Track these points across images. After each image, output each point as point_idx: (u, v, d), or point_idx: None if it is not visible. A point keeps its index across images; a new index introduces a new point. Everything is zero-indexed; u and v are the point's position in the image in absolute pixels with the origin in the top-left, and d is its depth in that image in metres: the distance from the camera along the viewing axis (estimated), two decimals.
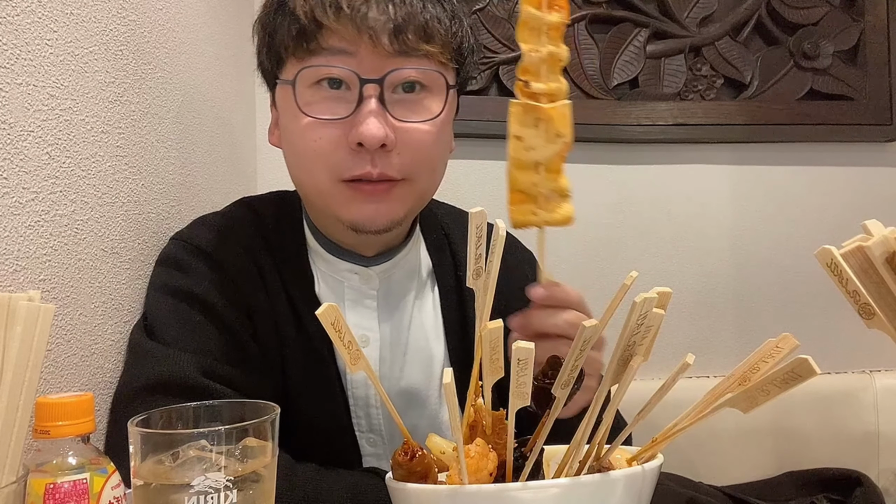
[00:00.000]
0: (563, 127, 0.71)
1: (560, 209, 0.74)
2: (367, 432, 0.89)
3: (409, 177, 0.82)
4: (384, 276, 0.91)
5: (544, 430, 0.58)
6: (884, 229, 0.53)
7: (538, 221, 0.73)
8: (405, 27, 0.78)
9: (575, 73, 1.59)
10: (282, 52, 0.82)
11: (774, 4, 1.65)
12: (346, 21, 0.77)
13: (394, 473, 0.61)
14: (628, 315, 0.55)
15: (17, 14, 0.65)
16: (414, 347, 0.92)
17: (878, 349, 1.52)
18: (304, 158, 0.83)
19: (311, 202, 0.89)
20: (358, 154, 0.79)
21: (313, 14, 0.78)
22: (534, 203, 0.73)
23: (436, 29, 0.80)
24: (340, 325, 0.56)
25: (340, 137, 0.79)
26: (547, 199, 0.73)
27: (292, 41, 0.80)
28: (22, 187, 0.66)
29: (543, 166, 0.72)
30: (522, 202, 0.73)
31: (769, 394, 0.55)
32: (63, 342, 0.72)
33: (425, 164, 0.84)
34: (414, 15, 0.79)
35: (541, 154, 0.72)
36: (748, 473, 1.17)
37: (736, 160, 1.65)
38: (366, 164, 0.79)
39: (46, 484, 0.51)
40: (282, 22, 0.81)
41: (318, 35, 0.79)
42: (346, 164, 0.80)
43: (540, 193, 0.73)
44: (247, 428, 0.52)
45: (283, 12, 0.81)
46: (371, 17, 0.77)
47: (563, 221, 0.73)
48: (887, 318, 0.53)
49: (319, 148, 0.80)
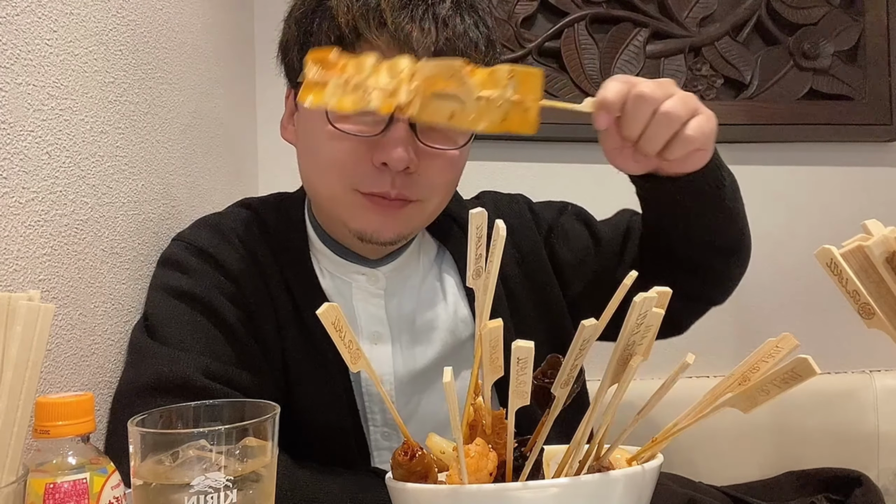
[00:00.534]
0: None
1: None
2: (382, 426, 0.89)
3: (424, 198, 0.83)
4: (392, 276, 0.92)
5: (544, 430, 0.58)
6: (884, 229, 0.53)
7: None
8: (445, 51, 0.77)
9: (575, 73, 1.59)
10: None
11: (774, 4, 1.65)
12: (387, 37, 0.76)
13: (394, 473, 0.61)
14: (628, 314, 0.55)
15: (17, 14, 0.65)
16: (427, 341, 0.92)
17: (878, 349, 1.52)
18: (322, 165, 0.82)
19: (319, 204, 0.89)
20: (379, 172, 0.79)
21: (355, 24, 0.77)
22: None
23: (477, 52, 0.80)
24: (341, 325, 0.56)
25: (364, 153, 0.79)
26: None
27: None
28: (22, 187, 0.66)
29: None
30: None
31: (769, 393, 0.55)
32: (63, 342, 0.72)
33: (443, 187, 0.85)
34: (455, 40, 0.78)
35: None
36: (748, 473, 1.17)
37: (736, 160, 1.63)
38: (385, 184, 0.79)
39: (46, 484, 0.51)
40: (320, 24, 0.80)
41: (355, 46, 0.77)
42: (365, 180, 0.80)
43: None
44: (247, 428, 0.52)
45: (322, 15, 0.80)
46: (414, 38, 0.76)
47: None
48: (887, 318, 0.53)
49: (340, 159, 0.80)
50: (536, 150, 1.61)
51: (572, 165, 1.62)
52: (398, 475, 0.60)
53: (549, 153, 1.61)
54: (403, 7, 0.77)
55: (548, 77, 1.59)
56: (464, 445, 0.57)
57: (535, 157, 1.61)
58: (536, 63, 1.59)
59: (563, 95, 1.60)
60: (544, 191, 1.66)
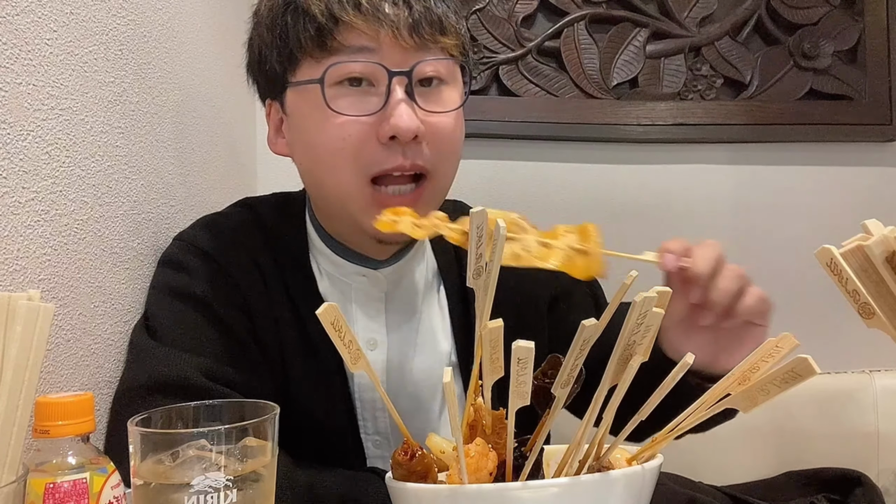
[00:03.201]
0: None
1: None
2: (373, 434, 0.89)
3: (436, 169, 0.82)
4: (392, 279, 0.91)
5: (544, 430, 0.58)
6: (884, 229, 0.53)
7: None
8: (422, 21, 0.79)
9: (575, 73, 1.59)
10: (297, 53, 0.81)
11: (774, 4, 1.65)
12: (366, 17, 0.77)
13: (394, 473, 0.61)
14: (628, 314, 0.55)
15: (17, 14, 0.65)
16: (422, 350, 0.91)
17: (878, 349, 1.51)
18: (331, 158, 0.81)
19: (329, 206, 0.87)
20: (389, 148, 0.79)
21: (331, 11, 0.78)
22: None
23: (449, 23, 0.82)
24: (341, 325, 0.56)
25: (369, 133, 0.79)
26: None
27: (310, 41, 0.79)
28: (22, 187, 0.66)
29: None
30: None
31: (769, 393, 0.55)
32: (63, 342, 0.72)
33: (451, 155, 0.85)
34: (429, 9, 0.80)
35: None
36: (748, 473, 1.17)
37: (736, 160, 1.65)
38: (398, 157, 0.79)
39: (46, 483, 0.51)
40: (294, 22, 0.80)
41: (335, 32, 0.78)
42: (376, 159, 0.80)
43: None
44: (247, 427, 0.52)
45: (295, 13, 0.80)
46: (391, 13, 0.78)
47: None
48: (887, 318, 0.53)
49: (349, 146, 0.79)
50: (536, 149, 1.61)
51: (572, 165, 1.62)
52: (398, 475, 0.60)
53: (549, 153, 1.61)
54: None
55: (547, 77, 1.60)
56: (464, 445, 0.57)
57: (535, 156, 1.61)
58: (536, 63, 1.60)
59: (562, 95, 1.60)
60: (544, 190, 1.66)
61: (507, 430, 0.58)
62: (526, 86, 1.59)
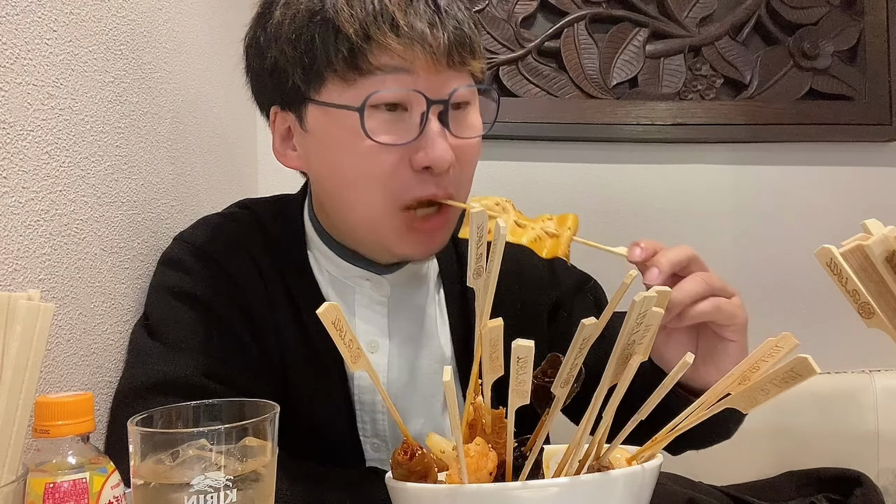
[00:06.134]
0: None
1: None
2: (372, 437, 0.88)
3: (458, 191, 0.82)
4: (395, 283, 0.90)
5: (544, 430, 0.58)
6: (884, 229, 0.53)
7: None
8: (456, 43, 0.77)
9: (574, 73, 1.59)
10: (324, 71, 0.76)
11: (774, 4, 1.65)
12: (402, 38, 0.74)
13: (394, 473, 0.61)
14: (628, 314, 0.55)
15: (17, 14, 0.65)
16: (423, 351, 0.91)
17: (878, 349, 1.51)
18: (362, 183, 0.79)
19: (354, 228, 0.85)
20: (421, 176, 0.78)
21: (366, 32, 0.74)
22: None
23: (476, 43, 0.80)
24: (341, 324, 0.56)
25: (401, 160, 0.77)
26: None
27: (342, 61, 0.75)
28: (22, 187, 0.66)
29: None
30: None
31: (769, 393, 0.55)
32: (63, 342, 0.72)
33: (467, 182, 0.84)
34: (461, 30, 0.77)
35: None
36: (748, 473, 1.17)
37: (735, 160, 1.65)
38: (430, 187, 0.78)
39: (46, 483, 0.51)
40: (323, 39, 0.75)
41: (369, 54, 0.75)
42: (408, 187, 0.78)
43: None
44: (246, 427, 0.52)
45: (324, 28, 0.75)
46: (428, 34, 0.74)
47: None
48: (887, 318, 0.53)
49: (381, 172, 0.77)
50: (537, 149, 1.61)
51: (572, 165, 1.62)
52: (398, 475, 0.60)
53: (549, 153, 1.61)
54: (409, 4, 0.75)
55: (547, 77, 1.60)
56: (464, 445, 0.57)
57: (535, 156, 1.61)
58: (536, 63, 1.60)
59: (562, 95, 1.60)
60: (544, 190, 1.66)
61: (506, 429, 0.58)
62: (526, 86, 1.59)
